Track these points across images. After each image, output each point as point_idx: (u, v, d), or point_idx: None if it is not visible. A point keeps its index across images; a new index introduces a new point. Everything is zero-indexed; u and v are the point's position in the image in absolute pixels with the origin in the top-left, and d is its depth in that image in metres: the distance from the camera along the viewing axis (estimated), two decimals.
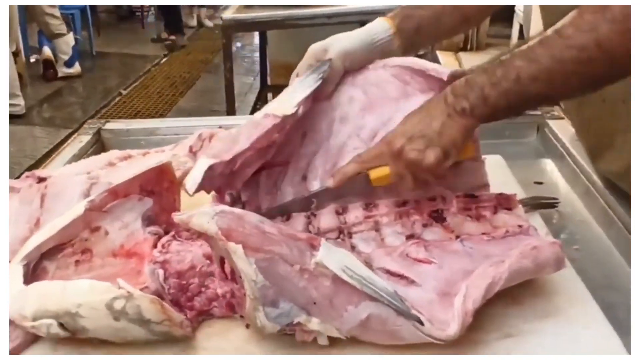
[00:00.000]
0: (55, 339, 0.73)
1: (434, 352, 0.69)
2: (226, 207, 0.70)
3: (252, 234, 0.67)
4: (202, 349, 0.73)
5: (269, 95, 4.34)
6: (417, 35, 0.91)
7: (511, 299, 0.77)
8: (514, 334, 0.73)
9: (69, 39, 4.50)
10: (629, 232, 0.89)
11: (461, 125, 0.75)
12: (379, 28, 0.89)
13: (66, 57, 4.55)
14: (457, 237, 0.79)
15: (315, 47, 0.89)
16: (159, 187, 0.84)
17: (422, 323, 0.67)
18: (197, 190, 0.76)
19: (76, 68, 4.67)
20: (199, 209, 0.68)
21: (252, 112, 3.80)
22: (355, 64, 0.88)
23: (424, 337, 0.68)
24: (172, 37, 5.53)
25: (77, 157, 1.24)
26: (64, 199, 0.93)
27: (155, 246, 0.81)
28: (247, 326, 0.75)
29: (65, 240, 0.80)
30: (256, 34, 4.54)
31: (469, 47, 4.96)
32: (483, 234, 0.80)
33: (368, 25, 0.90)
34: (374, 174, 0.80)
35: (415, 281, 0.74)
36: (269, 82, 4.38)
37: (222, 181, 0.79)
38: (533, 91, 0.72)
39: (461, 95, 0.75)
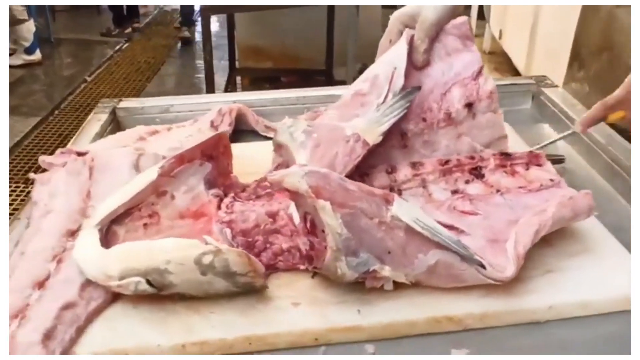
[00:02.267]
0: (134, 297, 0.78)
1: (487, 292, 0.78)
2: (313, 167, 0.76)
3: (337, 191, 0.73)
4: (275, 297, 0.79)
5: (238, 78, 4.36)
6: None
7: (544, 242, 0.86)
8: (553, 270, 0.82)
9: (30, 25, 4.39)
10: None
11: None
12: None
13: (27, 44, 4.43)
14: (497, 191, 0.87)
15: (401, 14, 0.94)
16: (217, 151, 0.89)
17: (484, 267, 0.75)
18: None
19: (37, 55, 4.55)
20: (289, 170, 0.74)
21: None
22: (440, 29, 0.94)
23: (484, 279, 0.76)
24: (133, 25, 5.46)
25: (99, 135, 1.26)
26: (113, 170, 0.97)
27: (219, 207, 0.86)
28: (313, 276, 0.82)
29: (133, 206, 0.84)
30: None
31: None
32: (520, 187, 0.88)
33: None
34: (612, 118, 0.98)
35: (465, 231, 0.82)
36: (237, 65, 4.39)
37: None
38: None
39: None
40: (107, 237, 0.83)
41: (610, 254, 0.84)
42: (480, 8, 4.54)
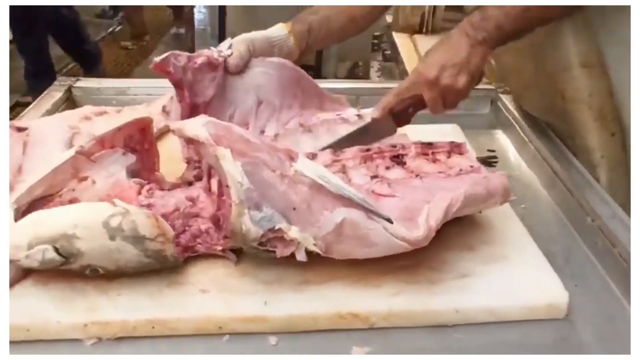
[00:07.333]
0: (47, 276, 0.77)
1: (397, 291, 0.78)
2: (215, 119, 0.76)
3: (238, 140, 0.74)
4: (186, 283, 0.79)
5: None
6: (310, 36, 1.06)
7: (466, 246, 0.86)
8: (468, 275, 0.81)
9: None
10: (570, 193, 1.00)
11: (482, 53, 0.93)
12: (277, 29, 1.04)
13: None
14: (417, 175, 0.87)
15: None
16: (141, 146, 0.90)
17: (391, 222, 0.74)
18: (160, 65, 0.95)
19: None
20: (191, 119, 0.75)
21: None
22: (257, 52, 1.00)
23: (393, 240, 0.75)
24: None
25: (50, 112, 1.26)
26: (47, 146, 0.96)
27: (139, 193, 0.85)
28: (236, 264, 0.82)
29: (53, 192, 0.82)
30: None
31: (424, 30, 5.07)
32: (439, 172, 0.88)
33: (269, 29, 1.04)
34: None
35: None
36: None
37: (183, 75, 0.96)
38: (534, 14, 0.91)
39: (480, 28, 0.92)
40: None
41: (528, 262, 0.84)
42: None
